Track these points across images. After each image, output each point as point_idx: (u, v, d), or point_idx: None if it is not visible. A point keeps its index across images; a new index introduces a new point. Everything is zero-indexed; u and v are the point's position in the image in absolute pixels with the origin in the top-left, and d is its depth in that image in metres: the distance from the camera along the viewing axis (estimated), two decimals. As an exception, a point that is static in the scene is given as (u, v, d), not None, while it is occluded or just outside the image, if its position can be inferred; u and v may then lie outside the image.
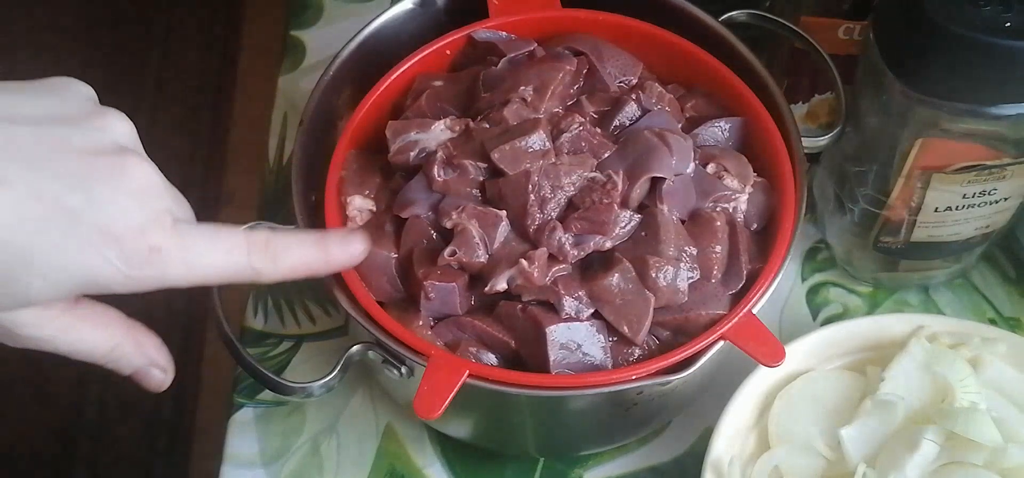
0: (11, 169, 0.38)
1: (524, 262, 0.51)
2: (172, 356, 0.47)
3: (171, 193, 0.44)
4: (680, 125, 0.58)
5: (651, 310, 0.51)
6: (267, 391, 0.62)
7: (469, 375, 0.49)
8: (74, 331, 0.43)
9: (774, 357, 0.50)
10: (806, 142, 0.58)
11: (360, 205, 0.56)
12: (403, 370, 0.52)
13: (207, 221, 0.45)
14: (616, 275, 0.52)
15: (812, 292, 0.68)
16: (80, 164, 0.40)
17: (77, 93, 0.43)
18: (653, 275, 0.51)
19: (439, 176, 0.54)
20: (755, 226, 0.57)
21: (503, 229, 0.53)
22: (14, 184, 0.38)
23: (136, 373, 0.45)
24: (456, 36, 0.62)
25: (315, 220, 0.56)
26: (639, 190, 0.54)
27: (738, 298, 0.53)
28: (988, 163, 0.56)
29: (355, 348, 0.52)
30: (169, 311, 1.41)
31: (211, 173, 1.69)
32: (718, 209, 0.55)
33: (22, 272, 0.39)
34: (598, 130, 0.56)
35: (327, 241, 0.51)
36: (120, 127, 0.43)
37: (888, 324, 0.60)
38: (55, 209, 0.39)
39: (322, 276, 0.51)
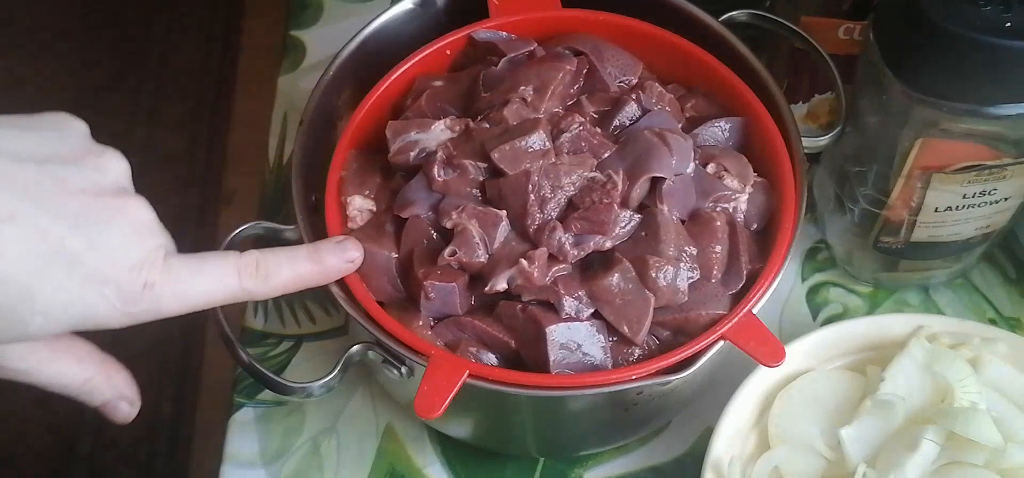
0: (18, 206, 0.40)
1: (524, 262, 0.51)
2: (138, 387, 0.48)
3: (162, 229, 0.45)
4: (680, 125, 0.58)
5: (651, 310, 0.51)
6: (267, 391, 0.62)
7: (469, 375, 0.49)
8: (53, 364, 0.44)
9: (774, 357, 0.50)
10: (806, 142, 0.58)
11: (360, 205, 0.56)
12: (403, 370, 0.52)
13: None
14: (616, 275, 0.52)
15: (812, 292, 0.68)
16: (81, 204, 0.41)
17: (74, 131, 0.44)
18: (653, 275, 0.51)
19: (439, 176, 0.54)
20: (755, 226, 0.57)
21: (503, 229, 0.53)
22: (20, 221, 0.40)
23: (105, 405, 0.46)
24: (456, 36, 0.62)
25: (315, 220, 0.56)
26: (639, 190, 0.54)
27: (738, 298, 0.53)
28: (988, 163, 0.56)
29: (355, 348, 0.52)
30: (169, 311, 1.41)
31: (211, 173, 1.69)
32: (718, 209, 0.55)
33: (24, 309, 0.40)
34: (598, 130, 0.56)
35: (321, 252, 0.51)
36: (117, 166, 0.44)
37: (888, 324, 0.60)
38: (58, 249, 0.40)
39: (320, 285, 0.52)
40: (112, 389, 0.46)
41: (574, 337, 0.51)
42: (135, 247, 0.43)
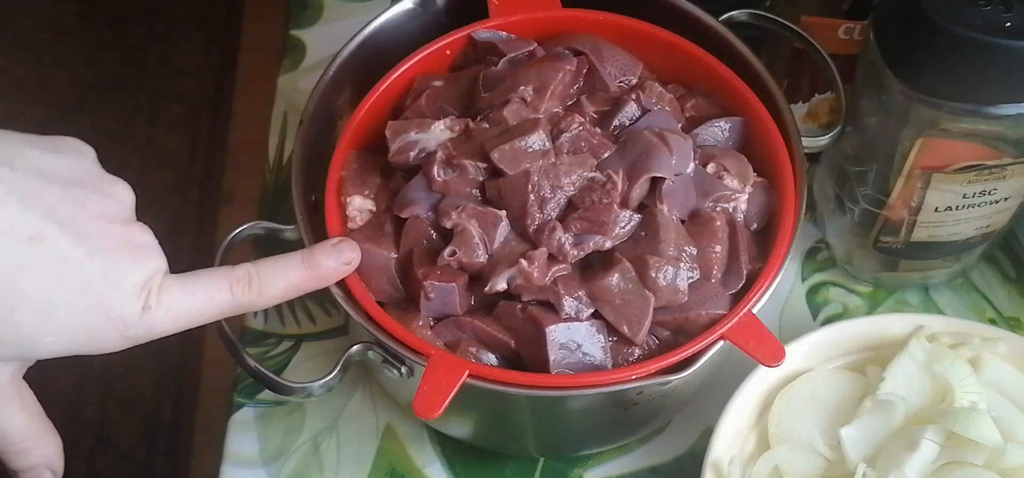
0: (47, 227, 0.41)
1: (524, 262, 0.51)
2: (66, 455, 0.48)
3: (161, 252, 0.46)
4: (680, 125, 0.58)
5: (651, 310, 0.51)
6: (267, 391, 0.62)
7: (469, 375, 0.49)
8: (9, 408, 0.44)
9: (774, 357, 0.50)
10: (806, 142, 0.58)
11: (360, 205, 0.56)
12: (403, 370, 0.52)
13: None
14: (616, 275, 0.52)
15: (812, 292, 0.68)
16: (99, 229, 0.42)
17: (86, 155, 0.45)
18: (653, 275, 0.51)
19: (439, 176, 0.54)
20: (755, 226, 0.57)
21: (503, 229, 0.53)
22: (47, 242, 0.41)
23: (31, 469, 0.46)
24: (456, 36, 0.62)
25: (315, 220, 0.56)
26: (639, 190, 0.54)
27: (738, 298, 0.53)
28: (988, 163, 0.56)
29: (355, 348, 0.52)
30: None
31: (211, 173, 1.69)
32: (718, 209, 0.55)
33: (39, 328, 0.41)
34: (598, 130, 0.56)
35: (316, 256, 0.51)
36: (127, 196, 0.45)
37: (888, 324, 0.60)
38: (76, 272, 0.41)
39: (319, 290, 0.52)
40: (44, 456, 0.46)
41: (574, 337, 0.51)
42: (139, 273, 0.44)
